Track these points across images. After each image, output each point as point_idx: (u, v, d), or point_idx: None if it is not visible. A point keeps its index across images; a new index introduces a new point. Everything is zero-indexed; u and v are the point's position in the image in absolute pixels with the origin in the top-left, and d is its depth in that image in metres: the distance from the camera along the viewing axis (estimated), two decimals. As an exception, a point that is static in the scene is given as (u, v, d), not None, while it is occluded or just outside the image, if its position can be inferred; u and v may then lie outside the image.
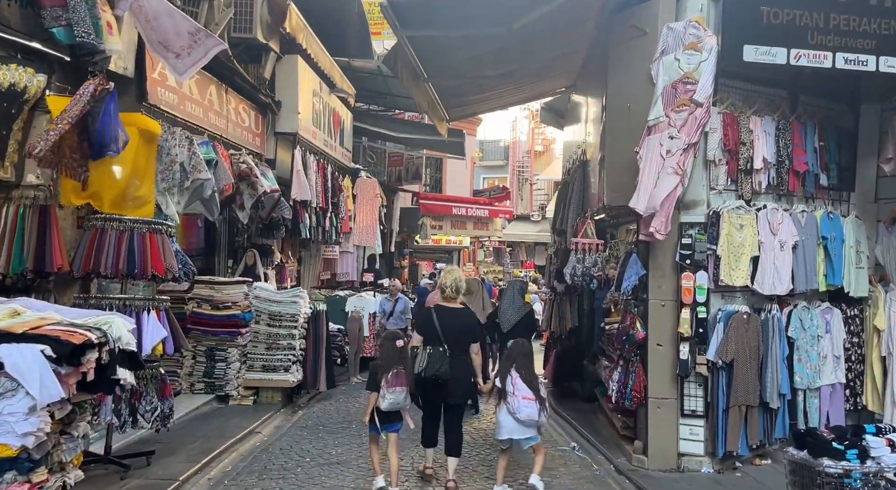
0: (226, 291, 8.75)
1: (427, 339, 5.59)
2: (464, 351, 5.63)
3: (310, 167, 10.01)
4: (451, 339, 5.56)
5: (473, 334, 5.79)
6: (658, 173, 6.05)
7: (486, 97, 9.94)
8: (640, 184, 6.14)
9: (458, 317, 5.74)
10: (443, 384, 5.44)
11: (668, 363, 6.41)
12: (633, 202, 6.18)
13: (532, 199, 25.15)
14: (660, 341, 6.46)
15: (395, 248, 17.50)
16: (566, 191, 9.39)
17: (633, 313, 6.66)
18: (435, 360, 5.41)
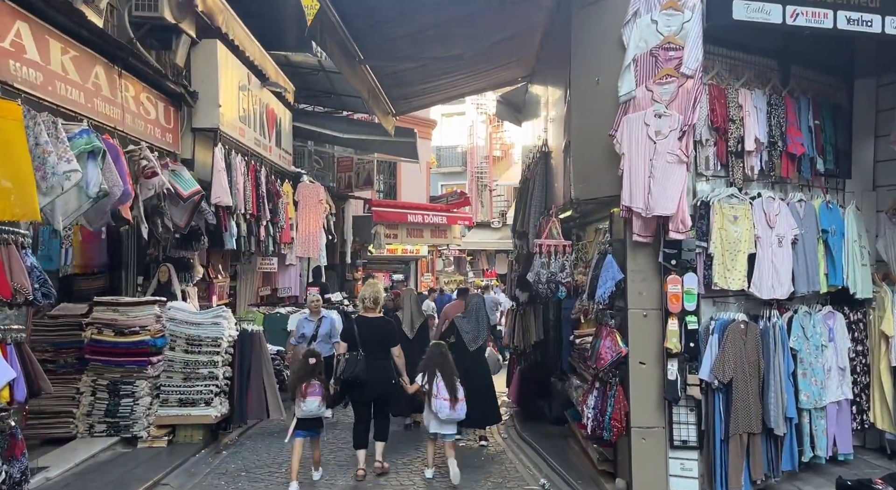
0: (133, 314, 7.36)
1: (350, 346, 6.40)
2: (383, 355, 6.38)
3: (236, 168, 8.69)
4: (367, 345, 6.34)
5: (389, 340, 6.49)
6: (650, 161, 4.99)
7: (435, 87, 8.79)
8: (631, 175, 5.08)
9: (374, 325, 6.51)
10: (362, 384, 6.23)
11: (654, 385, 5.30)
12: (626, 198, 5.11)
13: (492, 205, 24.14)
14: (643, 359, 5.35)
15: (349, 259, 16.19)
16: (526, 189, 8.29)
17: (609, 326, 5.54)
18: (351, 364, 6.24)
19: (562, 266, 6.48)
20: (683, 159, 4.97)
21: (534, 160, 8.09)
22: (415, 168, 18.14)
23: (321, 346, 7.94)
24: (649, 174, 5.08)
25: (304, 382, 5.98)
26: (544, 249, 6.53)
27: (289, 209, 11.59)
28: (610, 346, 5.41)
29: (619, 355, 5.37)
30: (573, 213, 6.35)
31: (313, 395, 5.98)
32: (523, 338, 9.21)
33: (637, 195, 5.14)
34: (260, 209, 9.80)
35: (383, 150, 14.87)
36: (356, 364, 6.22)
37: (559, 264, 6.47)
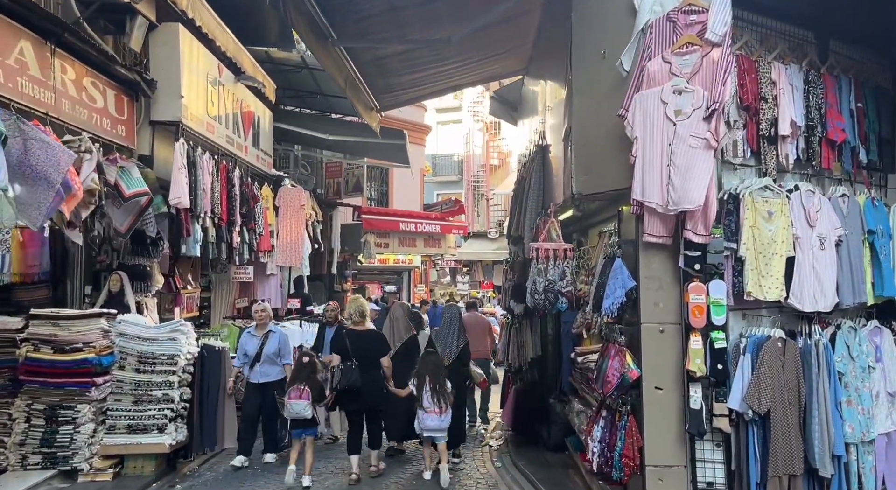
0: (75, 328, 6.43)
1: (342, 357, 6.50)
2: (373, 366, 6.50)
3: (202, 167, 7.79)
4: (359, 356, 6.47)
5: (379, 351, 6.63)
6: (669, 146, 4.10)
7: (423, 78, 7.92)
8: (645, 163, 4.19)
9: (364, 338, 6.68)
10: (357, 393, 6.37)
11: (673, 415, 4.38)
12: (638, 192, 4.23)
13: (489, 215, 23.24)
14: (659, 383, 4.42)
15: (337, 269, 15.26)
16: (522, 189, 7.40)
17: (618, 344, 4.62)
18: (346, 374, 6.36)
19: (562, 273, 5.57)
20: (712, 143, 4.08)
21: (530, 157, 7.21)
22: (407, 175, 17.27)
23: (267, 368, 6.93)
24: (668, 162, 4.19)
25: (294, 384, 6.21)
26: (541, 254, 5.62)
27: (268, 215, 10.68)
28: (618, 367, 4.49)
29: (629, 379, 4.45)
30: (575, 212, 5.45)
31: (298, 399, 6.16)
32: (519, 354, 8.28)
33: (652, 187, 4.25)
34: (232, 213, 8.89)
35: (372, 153, 14.01)
36: (351, 374, 6.34)
37: (558, 271, 5.56)
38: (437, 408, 6.27)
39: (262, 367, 6.94)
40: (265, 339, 7.00)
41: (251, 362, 6.95)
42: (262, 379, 6.95)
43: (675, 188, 4.14)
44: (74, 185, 5.44)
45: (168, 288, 8.79)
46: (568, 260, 5.61)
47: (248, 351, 6.99)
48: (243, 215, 9.38)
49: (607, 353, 4.71)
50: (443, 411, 6.29)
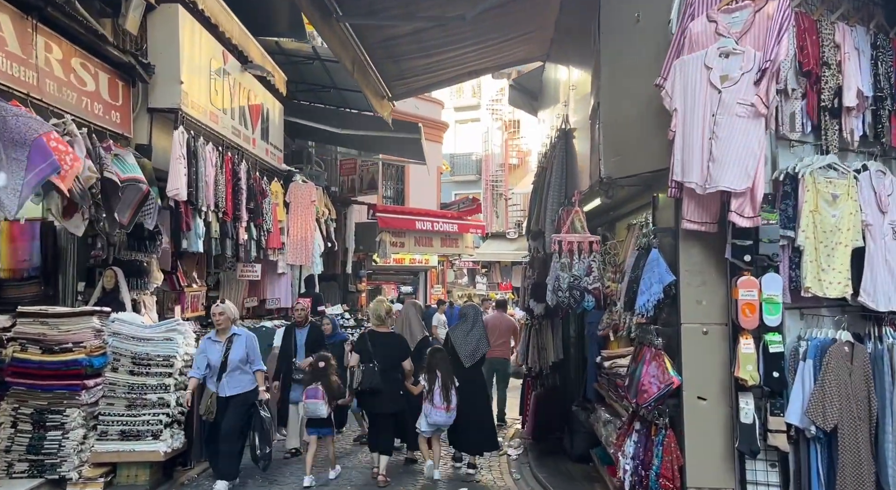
0: (65, 327, 5.98)
1: (362, 358, 6.35)
2: (393, 368, 6.37)
3: (205, 159, 7.33)
4: (381, 358, 6.32)
5: (402, 354, 6.51)
6: (713, 117, 3.51)
7: (437, 64, 7.37)
8: (685, 137, 3.62)
9: (387, 339, 6.52)
10: (377, 394, 6.24)
11: (719, 430, 3.77)
12: (678, 171, 3.65)
13: (507, 215, 22.62)
14: (702, 393, 3.82)
15: (351, 269, 14.78)
16: (542, 180, 6.82)
17: (654, 347, 4.02)
18: (368, 375, 6.22)
19: (587, 268, 4.97)
20: (762, 110, 3.49)
21: (551, 144, 6.62)
22: (424, 173, 16.74)
23: (236, 378, 6.01)
24: (710, 135, 3.60)
25: (309, 384, 6.24)
26: (565, 247, 5.03)
27: (277, 211, 10.21)
28: (656, 374, 3.89)
29: (668, 387, 3.84)
30: (603, 199, 4.85)
31: (312, 398, 6.18)
32: (539, 358, 7.68)
33: (692, 165, 3.65)
34: (238, 208, 8.42)
35: (387, 149, 13.50)
36: (373, 375, 6.22)
37: (584, 266, 4.96)
38: (445, 403, 6.28)
39: (230, 378, 5.98)
40: (229, 345, 6.01)
41: (217, 373, 5.98)
42: (231, 391, 5.98)
43: (715, 164, 3.55)
44: (63, 164, 4.97)
45: (172, 286, 8.33)
46: (594, 254, 5.02)
47: (211, 360, 5.98)
48: (250, 211, 8.90)
49: (641, 358, 4.11)
50: (450, 407, 6.30)
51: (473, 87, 25.37)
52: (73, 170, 5.07)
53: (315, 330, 7.27)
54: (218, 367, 5.98)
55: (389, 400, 6.35)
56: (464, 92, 25.52)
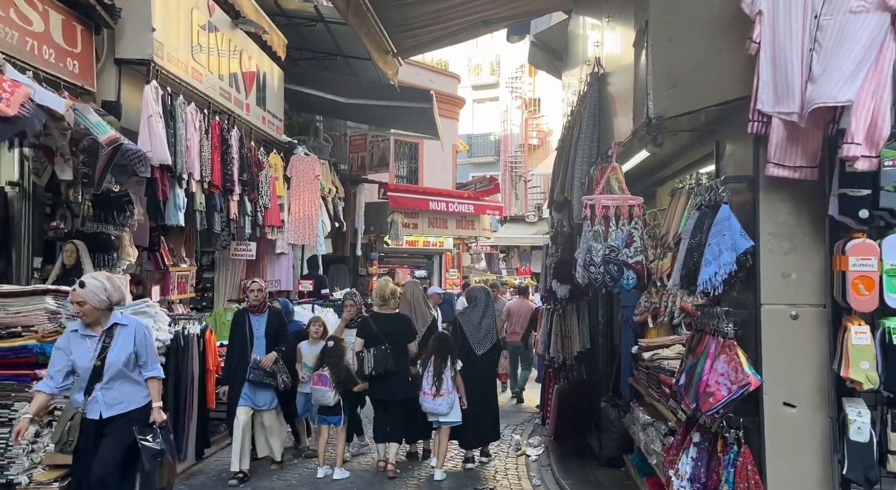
0: (14, 308, 5.09)
1: (368, 342, 6.01)
2: (400, 352, 6.05)
3: (184, 120, 6.40)
4: (390, 340, 6.00)
5: (409, 335, 6.20)
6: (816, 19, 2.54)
7: (446, 10, 6.32)
8: (775, 49, 2.62)
9: (392, 320, 6.20)
10: (389, 378, 5.93)
11: (815, 449, 2.75)
12: (764, 97, 2.67)
13: (527, 198, 21.54)
14: (791, 398, 2.81)
15: (361, 251, 13.87)
16: (568, 141, 5.80)
17: (723, 336, 3.00)
18: (380, 358, 5.91)
19: (627, 238, 3.95)
20: (891, 2, 2.44)
21: (579, 96, 5.57)
22: (439, 152, 15.72)
23: (116, 390, 3.90)
24: (811, 45, 2.57)
25: (317, 369, 5.87)
26: (599, 212, 4.00)
27: (276, 185, 9.31)
28: (726, 371, 2.88)
29: (742, 389, 2.83)
30: (651, 149, 3.79)
31: (319, 384, 5.81)
32: (562, 347, 6.68)
33: (784, 87, 2.62)
34: (227, 179, 7.50)
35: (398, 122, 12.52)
36: (386, 358, 5.90)
37: (623, 235, 3.94)
38: (433, 389, 5.91)
39: (108, 390, 3.87)
40: (107, 340, 3.91)
41: (86, 385, 3.86)
42: (109, 410, 3.88)
43: (816, 80, 2.52)
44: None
45: (156, 265, 7.47)
46: (636, 220, 3.99)
47: (77, 364, 3.88)
48: (244, 183, 8.00)
49: (703, 350, 3.10)
50: (437, 394, 5.91)
51: (493, 64, 24.22)
52: (17, 96, 4.22)
53: (276, 317, 6.05)
54: (88, 375, 3.87)
55: (399, 386, 6.02)
56: (482, 70, 24.37)
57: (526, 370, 9.84)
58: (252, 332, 5.87)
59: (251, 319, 5.94)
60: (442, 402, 5.89)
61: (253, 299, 5.97)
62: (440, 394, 5.88)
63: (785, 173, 2.76)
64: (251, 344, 5.83)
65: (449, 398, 5.91)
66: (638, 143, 3.99)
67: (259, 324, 5.92)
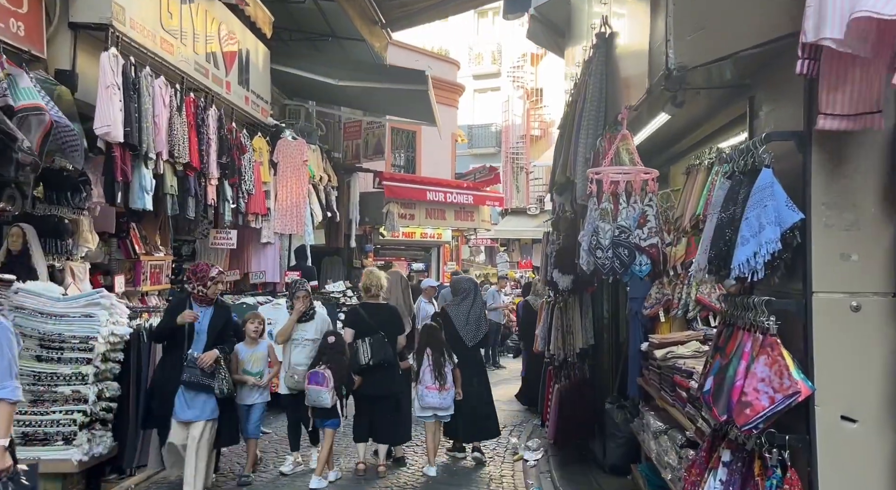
0: (-53, 297, 4.58)
1: (360, 332, 5.64)
2: (392, 341, 5.72)
3: (151, 94, 5.79)
4: (383, 328, 5.68)
5: (397, 326, 5.88)
6: None
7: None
8: None
9: (380, 311, 5.86)
10: (386, 369, 5.59)
11: (882, 472, 2.16)
12: (813, 29, 2.01)
13: (528, 190, 20.90)
14: (852, 411, 2.21)
15: (356, 242, 13.30)
16: (571, 116, 5.19)
17: (760, 331, 2.40)
18: (377, 347, 5.55)
19: (640, 217, 3.35)
20: None
21: (584, 64, 4.96)
22: (437, 141, 15.10)
23: None
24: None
25: (314, 367, 5.37)
26: (607, 187, 3.40)
27: (261, 171, 8.73)
28: (767, 376, 2.28)
29: (790, 400, 2.23)
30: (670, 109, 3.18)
31: (315, 384, 5.30)
32: (563, 343, 6.09)
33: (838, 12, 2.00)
34: (203, 161, 6.92)
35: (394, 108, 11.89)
36: (383, 346, 5.56)
37: (635, 214, 3.34)
38: (437, 383, 5.70)
39: None
40: None
41: None
42: None
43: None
44: None
45: (126, 253, 6.90)
46: (651, 196, 3.39)
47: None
48: (224, 167, 7.42)
49: (735, 349, 2.50)
50: (443, 387, 5.72)
51: (494, 53, 23.54)
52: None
53: (223, 313, 5.22)
54: None
55: (388, 380, 5.69)
56: (483, 59, 23.69)
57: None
58: (192, 324, 4.96)
59: (194, 309, 5.01)
60: (447, 396, 5.76)
61: (212, 293, 5.08)
62: (445, 388, 5.73)
63: (841, 125, 2.15)
64: (189, 339, 4.92)
65: (452, 392, 5.81)
66: (650, 107, 3.39)
67: (203, 316, 5.01)
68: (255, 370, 5.47)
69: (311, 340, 5.61)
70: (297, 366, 5.54)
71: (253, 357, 5.49)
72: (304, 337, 5.63)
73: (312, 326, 5.70)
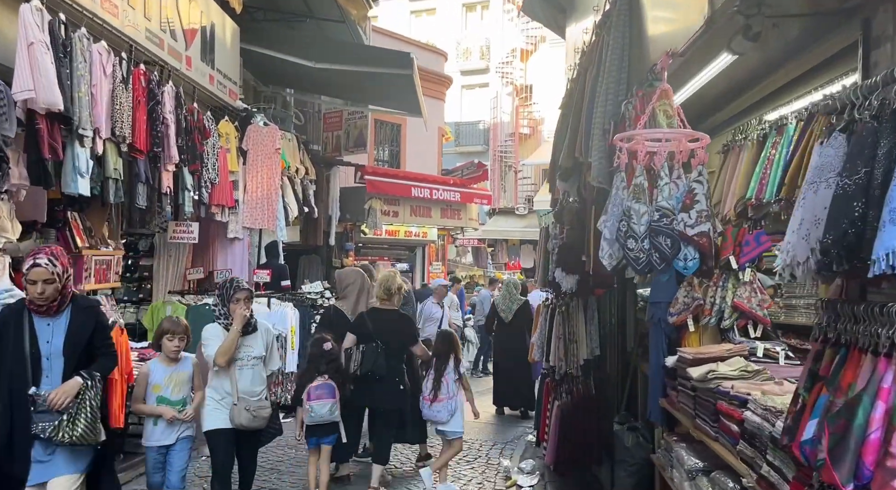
0: None
1: (360, 338, 5.19)
2: (397, 354, 5.22)
3: (87, 59, 4.87)
4: (383, 340, 5.14)
5: (408, 335, 5.35)
6: None
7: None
8: None
9: (390, 317, 5.32)
10: (378, 382, 5.06)
11: None
12: None
13: (517, 189, 20.10)
14: None
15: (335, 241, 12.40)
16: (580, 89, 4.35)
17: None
18: (370, 355, 5.05)
19: (686, 196, 2.51)
20: None
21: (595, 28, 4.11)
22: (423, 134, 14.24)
23: None
24: None
25: (312, 378, 4.77)
26: (642, 157, 2.56)
27: (228, 159, 7.82)
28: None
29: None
30: (739, 45, 2.28)
31: (322, 398, 4.71)
32: (566, 354, 5.24)
33: None
34: (156, 143, 6.00)
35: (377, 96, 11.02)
36: (375, 356, 5.04)
37: (679, 191, 2.50)
38: (432, 393, 5.19)
39: None
40: None
41: None
42: None
43: None
44: None
45: (67, 247, 5.95)
46: (700, 167, 2.54)
47: None
48: (183, 151, 6.52)
49: (868, 384, 1.65)
50: (435, 399, 5.16)
51: (483, 48, 22.73)
52: None
53: (86, 316, 3.47)
54: None
55: (387, 392, 5.15)
56: (472, 54, 22.87)
57: None
58: (36, 346, 3.29)
59: (34, 325, 3.32)
60: (441, 408, 5.14)
61: (36, 296, 3.25)
62: (438, 399, 5.14)
63: None
64: (35, 364, 3.28)
65: (449, 404, 5.14)
66: (705, 49, 2.53)
67: (48, 330, 3.34)
68: (175, 397, 4.08)
69: (258, 359, 4.22)
70: (250, 395, 4.09)
71: (173, 379, 4.08)
72: (250, 355, 4.16)
73: (258, 340, 4.24)
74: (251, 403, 4.06)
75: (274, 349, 4.39)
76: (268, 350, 4.29)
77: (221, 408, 4.11)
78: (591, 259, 3.94)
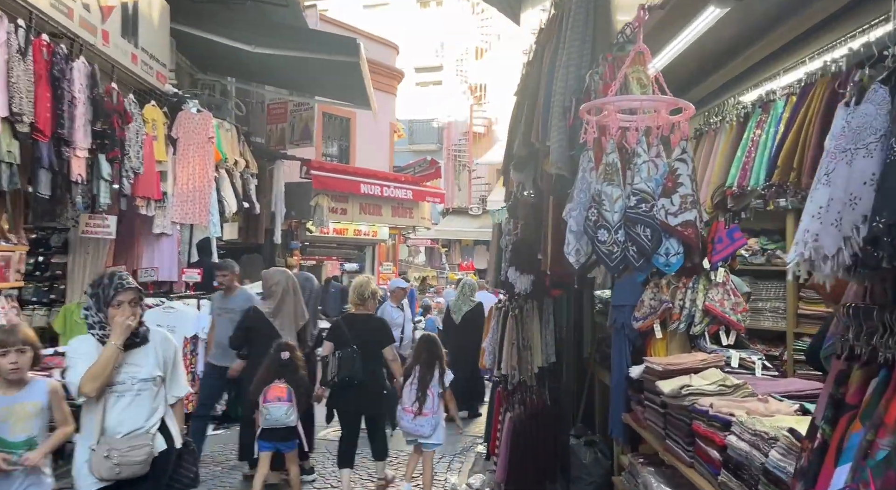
0: None
1: (337, 344, 5.07)
2: (373, 357, 5.09)
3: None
4: (359, 344, 5.03)
5: (383, 337, 5.22)
6: None
7: None
8: None
9: (365, 322, 5.29)
10: (358, 388, 4.92)
11: None
12: None
13: (471, 189, 19.70)
14: None
15: (280, 239, 11.70)
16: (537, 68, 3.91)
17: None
18: (346, 362, 4.93)
19: (667, 177, 2.06)
20: None
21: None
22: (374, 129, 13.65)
23: None
24: None
25: (269, 381, 4.62)
26: (612, 132, 2.10)
27: (154, 147, 7.07)
28: None
29: None
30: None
31: (278, 402, 4.54)
32: (520, 361, 4.77)
33: None
34: (62, 125, 5.26)
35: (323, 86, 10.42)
36: (352, 362, 4.87)
37: (659, 171, 2.05)
38: (416, 405, 4.88)
39: None
40: None
41: None
42: None
43: None
44: None
45: (-44, 241, 5.16)
46: (683, 143, 2.09)
47: None
48: (99, 136, 5.79)
49: None
50: (419, 412, 4.85)
51: (437, 47, 22.27)
52: None
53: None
54: None
55: (370, 396, 5.04)
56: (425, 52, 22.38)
57: None
58: None
59: None
60: (424, 422, 4.88)
61: None
62: (423, 413, 4.86)
63: None
64: None
65: (433, 419, 4.89)
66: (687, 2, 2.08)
67: None
68: (15, 438, 2.95)
69: (148, 381, 2.96)
70: (123, 433, 2.87)
71: (13, 412, 2.96)
72: (135, 377, 2.93)
73: (149, 357, 3.01)
74: (115, 445, 2.80)
75: (178, 367, 3.15)
76: (166, 369, 3.05)
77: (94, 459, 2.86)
78: (548, 257, 3.48)
